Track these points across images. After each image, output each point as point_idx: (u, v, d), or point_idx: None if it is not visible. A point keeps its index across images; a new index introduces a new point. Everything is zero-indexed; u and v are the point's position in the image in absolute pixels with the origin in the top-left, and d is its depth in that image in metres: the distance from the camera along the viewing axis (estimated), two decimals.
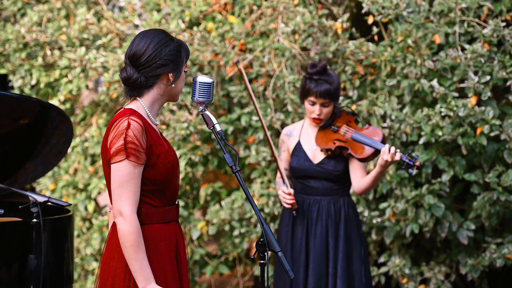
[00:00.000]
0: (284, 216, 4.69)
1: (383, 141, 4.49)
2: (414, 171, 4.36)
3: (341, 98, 5.39)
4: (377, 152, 4.46)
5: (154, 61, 3.16)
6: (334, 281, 4.51)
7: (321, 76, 4.52)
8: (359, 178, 4.55)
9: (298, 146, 4.64)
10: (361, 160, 4.51)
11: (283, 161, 4.68)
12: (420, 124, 5.23)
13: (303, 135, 4.66)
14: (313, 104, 4.53)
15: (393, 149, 4.31)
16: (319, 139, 4.60)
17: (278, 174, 4.68)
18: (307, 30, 5.74)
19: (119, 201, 3.08)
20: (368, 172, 4.90)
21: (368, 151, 4.48)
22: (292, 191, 4.54)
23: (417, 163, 4.33)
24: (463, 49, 5.37)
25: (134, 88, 3.21)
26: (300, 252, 4.56)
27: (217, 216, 5.83)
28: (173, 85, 3.20)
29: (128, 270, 3.14)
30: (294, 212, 4.58)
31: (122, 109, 3.21)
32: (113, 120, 3.17)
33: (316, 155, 4.62)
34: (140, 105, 3.21)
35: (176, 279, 3.22)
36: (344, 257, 4.51)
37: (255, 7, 5.97)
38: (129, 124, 3.10)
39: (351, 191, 4.74)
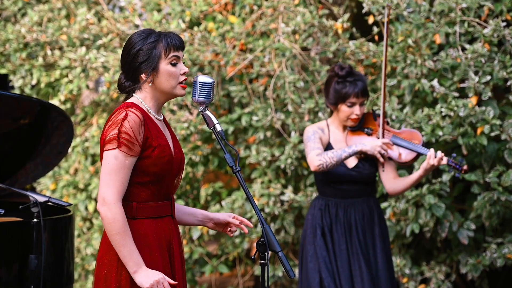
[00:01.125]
0: (315, 219, 4.61)
1: (423, 145, 4.50)
2: (461, 175, 4.40)
3: None
4: (418, 156, 4.49)
5: (127, 65, 3.24)
6: (378, 280, 4.52)
7: (354, 76, 4.53)
8: (393, 180, 4.56)
9: (330, 147, 4.58)
10: (400, 164, 4.53)
11: (319, 143, 4.54)
12: (421, 124, 5.23)
13: (332, 137, 4.60)
14: (352, 105, 4.51)
15: (439, 153, 4.36)
16: (353, 142, 4.56)
17: (316, 152, 4.48)
18: (308, 30, 5.75)
19: (104, 188, 3.11)
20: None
21: (409, 155, 4.50)
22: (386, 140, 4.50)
23: (464, 167, 4.39)
24: (463, 49, 5.37)
25: (125, 92, 3.29)
26: (340, 255, 4.53)
27: None
28: (150, 84, 3.22)
29: (120, 264, 3.16)
30: (383, 168, 4.52)
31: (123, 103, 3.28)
32: (113, 112, 3.22)
33: (348, 159, 4.57)
34: (139, 100, 3.26)
35: (167, 274, 3.23)
36: (384, 256, 4.55)
37: (255, 7, 5.97)
38: (126, 115, 3.14)
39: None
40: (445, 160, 4.36)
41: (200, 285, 6.48)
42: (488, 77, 5.17)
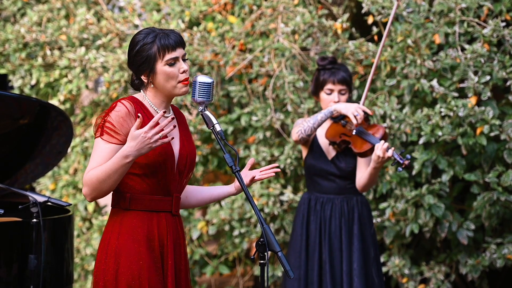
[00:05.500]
0: (298, 213, 4.70)
1: (383, 138, 4.52)
2: (402, 169, 4.41)
3: None
4: (373, 148, 4.51)
5: (130, 66, 3.30)
6: (349, 279, 4.53)
7: (334, 65, 4.65)
8: (361, 175, 4.59)
9: (315, 140, 4.68)
10: (359, 154, 4.57)
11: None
12: (420, 124, 5.23)
13: (318, 130, 4.70)
14: (331, 93, 4.61)
15: (386, 145, 4.39)
16: (328, 131, 4.65)
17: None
18: (307, 30, 5.74)
19: (87, 168, 3.20)
20: None
21: (366, 146, 4.53)
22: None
23: (406, 162, 4.39)
24: (463, 49, 5.38)
25: (136, 89, 3.36)
26: (314, 250, 4.60)
27: (217, 216, 5.83)
28: (151, 85, 3.25)
29: (108, 252, 3.23)
30: (354, 129, 4.54)
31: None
32: None
33: (329, 151, 4.68)
34: (142, 95, 3.31)
35: (155, 269, 3.24)
36: (360, 255, 4.56)
37: (255, 7, 5.97)
38: (115, 106, 3.21)
39: None
40: (389, 152, 4.39)
41: (200, 285, 6.48)
42: (488, 77, 5.17)
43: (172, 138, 3.14)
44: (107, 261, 3.23)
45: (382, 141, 4.41)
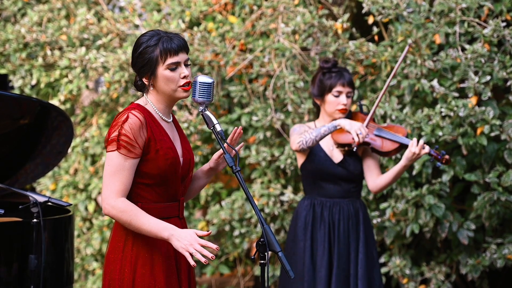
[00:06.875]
0: (299, 218, 4.65)
1: (407, 137, 4.52)
2: (441, 165, 4.38)
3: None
4: (401, 147, 4.50)
5: (133, 67, 3.30)
6: (355, 282, 4.52)
7: (339, 68, 4.62)
8: (375, 177, 4.59)
9: (317, 145, 4.61)
10: (383, 154, 4.53)
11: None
12: (421, 124, 5.23)
13: None
14: (339, 95, 4.56)
15: (421, 141, 4.37)
16: (337, 135, 4.57)
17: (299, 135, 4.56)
18: (307, 30, 5.75)
19: (104, 190, 3.17)
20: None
21: (391, 145, 4.50)
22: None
23: (446, 157, 4.39)
24: (463, 49, 5.38)
25: (139, 91, 3.34)
26: (323, 255, 4.55)
27: (218, 216, 5.83)
28: (151, 88, 3.24)
29: (123, 261, 3.21)
30: (355, 148, 4.50)
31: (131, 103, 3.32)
32: (118, 113, 3.27)
33: (334, 155, 4.62)
34: (147, 101, 3.29)
35: (171, 274, 3.25)
36: (364, 258, 4.54)
37: (255, 7, 5.97)
38: (127, 117, 3.17)
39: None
40: (426, 149, 4.37)
41: (200, 285, 6.48)
42: (488, 77, 5.17)
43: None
44: (123, 270, 3.22)
45: (415, 139, 4.39)
